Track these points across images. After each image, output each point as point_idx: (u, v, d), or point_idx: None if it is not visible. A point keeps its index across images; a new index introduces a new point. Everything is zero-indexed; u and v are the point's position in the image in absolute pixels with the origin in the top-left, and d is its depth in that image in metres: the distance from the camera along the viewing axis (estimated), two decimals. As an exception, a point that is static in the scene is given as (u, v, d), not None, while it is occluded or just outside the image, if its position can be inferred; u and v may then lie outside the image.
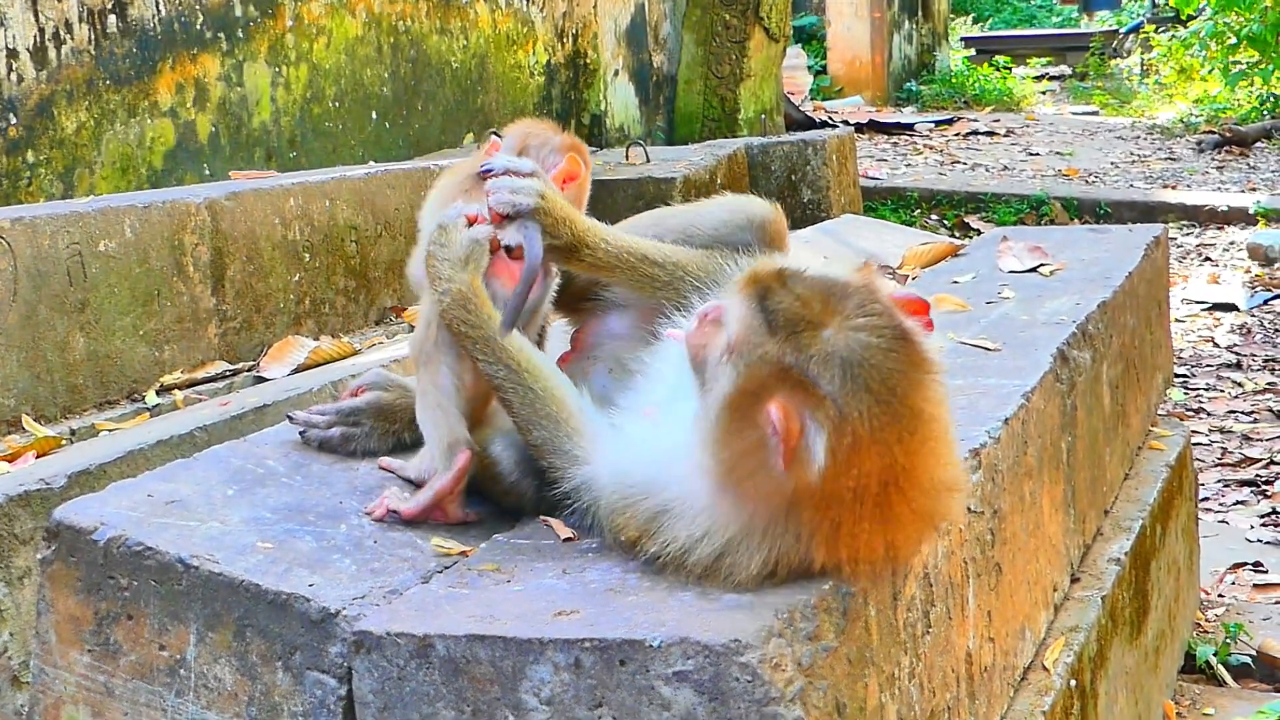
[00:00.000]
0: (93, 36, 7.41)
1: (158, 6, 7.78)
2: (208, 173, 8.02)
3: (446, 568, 1.97)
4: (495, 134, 2.51)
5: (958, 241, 4.23)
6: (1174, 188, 12.89)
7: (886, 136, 15.94)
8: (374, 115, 9.43)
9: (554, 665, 1.67)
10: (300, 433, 2.30)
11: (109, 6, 7.51)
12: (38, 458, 2.86)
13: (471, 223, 2.15)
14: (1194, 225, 11.56)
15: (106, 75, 7.42)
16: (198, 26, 7.96)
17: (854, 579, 1.78)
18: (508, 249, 2.12)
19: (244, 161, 8.30)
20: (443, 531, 2.07)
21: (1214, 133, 15.47)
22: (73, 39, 7.29)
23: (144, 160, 7.67)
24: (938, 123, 16.75)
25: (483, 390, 2.33)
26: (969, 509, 2.21)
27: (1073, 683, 2.60)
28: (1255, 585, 5.06)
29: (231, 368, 3.68)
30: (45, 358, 3.20)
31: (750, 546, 1.76)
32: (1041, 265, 3.75)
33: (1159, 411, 4.09)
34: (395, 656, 1.74)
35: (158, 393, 3.45)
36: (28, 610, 2.49)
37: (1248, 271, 10.16)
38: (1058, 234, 4.29)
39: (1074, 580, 2.95)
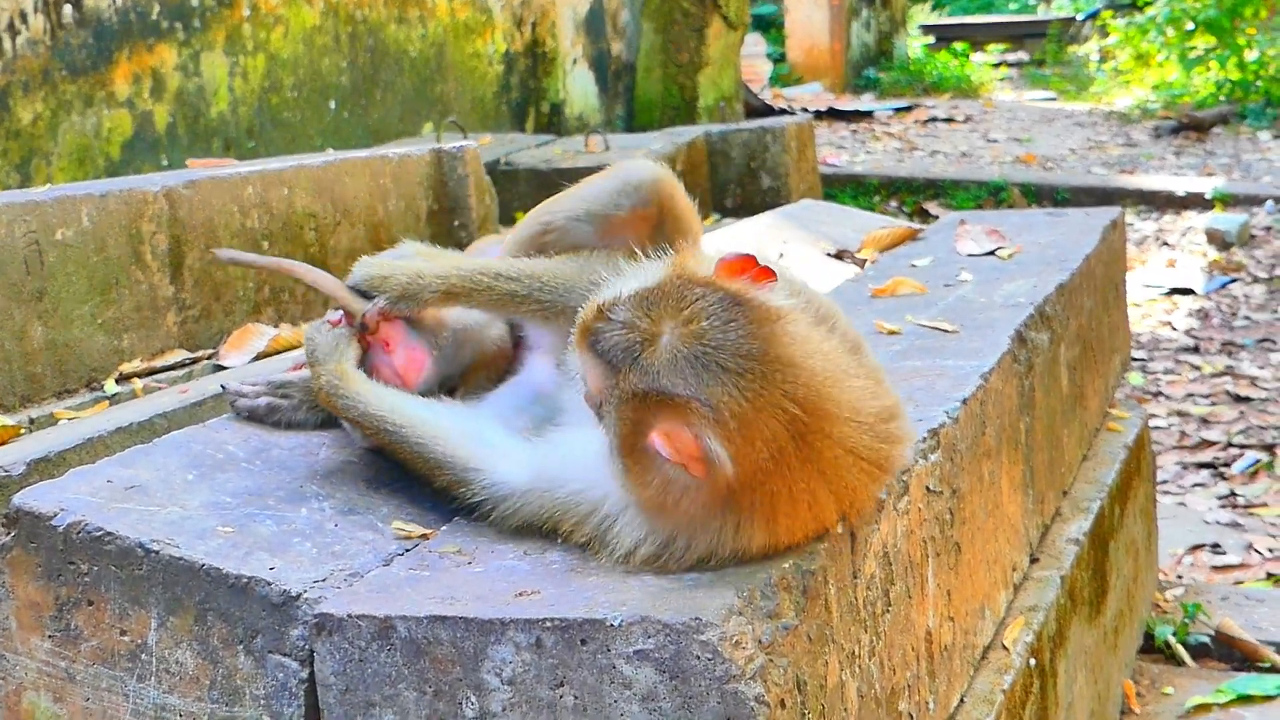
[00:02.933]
0: (48, 27, 7.36)
1: (113, -5, 7.74)
2: (165, 163, 7.97)
3: (408, 550, 1.97)
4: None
5: (917, 226, 4.24)
6: (1132, 173, 12.96)
7: (846, 124, 15.97)
8: (332, 105, 9.40)
9: (515, 645, 1.68)
10: (230, 402, 2.34)
11: (65, -4, 7.47)
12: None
13: (335, 325, 2.25)
14: (1152, 210, 11.62)
15: (63, 66, 7.37)
16: (154, 16, 7.92)
17: (817, 540, 1.79)
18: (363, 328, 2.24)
19: (202, 151, 8.27)
20: (403, 515, 2.07)
21: (1171, 118, 15.56)
22: (28, 29, 7.25)
23: (101, 151, 7.63)
24: (896, 110, 16.80)
25: None
26: (927, 488, 2.22)
27: (1032, 662, 2.62)
28: (1213, 567, 5.11)
29: (191, 356, 3.66)
30: (3, 346, 3.19)
31: (690, 543, 1.76)
32: (999, 248, 3.77)
33: (1117, 394, 4.12)
34: (356, 638, 1.74)
35: (117, 381, 3.43)
36: (-12, 599, 2.47)
37: (1205, 256, 10.23)
38: (1015, 217, 4.31)
39: (1033, 560, 2.97)
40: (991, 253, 3.76)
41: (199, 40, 8.35)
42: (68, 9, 7.60)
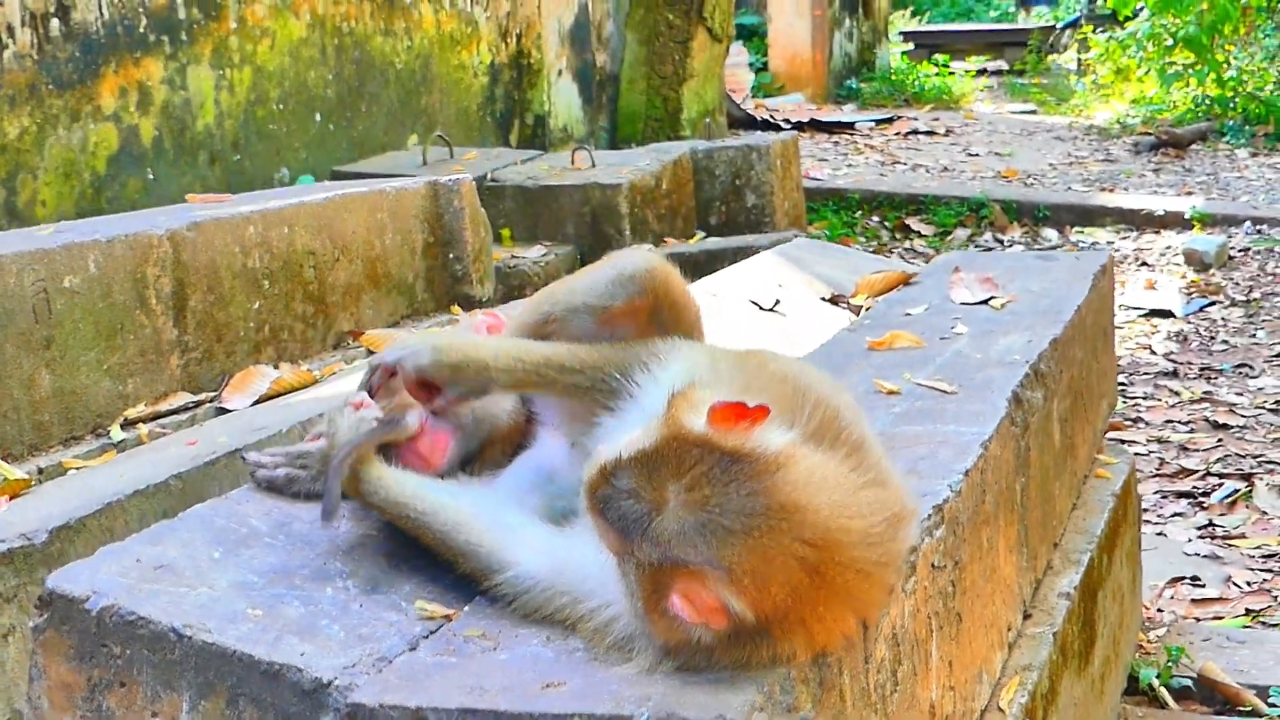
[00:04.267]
0: (35, 41, 7.38)
1: (101, 10, 7.76)
2: (151, 177, 8.00)
3: (432, 632, 2.02)
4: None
5: (910, 269, 4.31)
6: (1111, 190, 13.07)
7: (828, 135, 16.05)
8: (318, 117, 9.43)
9: (543, 737, 1.73)
10: (251, 472, 2.39)
11: (52, 10, 7.48)
12: (10, 499, 2.89)
13: (357, 408, 2.27)
14: (1131, 229, 11.73)
15: (49, 80, 7.39)
16: (141, 29, 7.94)
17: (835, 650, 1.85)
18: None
19: (188, 165, 8.30)
20: (426, 593, 2.12)
21: (1150, 134, 15.68)
22: (14, 43, 7.26)
23: (87, 165, 7.65)
24: (878, 121, 16.89)
25: None
26: (933, 565, 2.28)
27: (1027, 722, 2.69)
28: (1193, 600, 5.19)
29: (194, 399, 3.71)
30: (12, 396, 3.23)
31: (712, 662, 1.81)
32: (992, 298, 3.83)
33: (1105, 437, 4.19)
34: (388, 728, 1.80)
35: (122, 426, 3.48)
36: (12, 667, 2.52)
37: (1184, 277, 10.33)
38: (1007, 261, 4.38)
39: (1026, 617, 3.03)
40: (985, 302, 3.82)
41: (186, 53, 8.37)
42: (55, 23, 7.61)
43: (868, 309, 3.91)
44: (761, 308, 3.95)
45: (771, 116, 16.21)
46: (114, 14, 7.83)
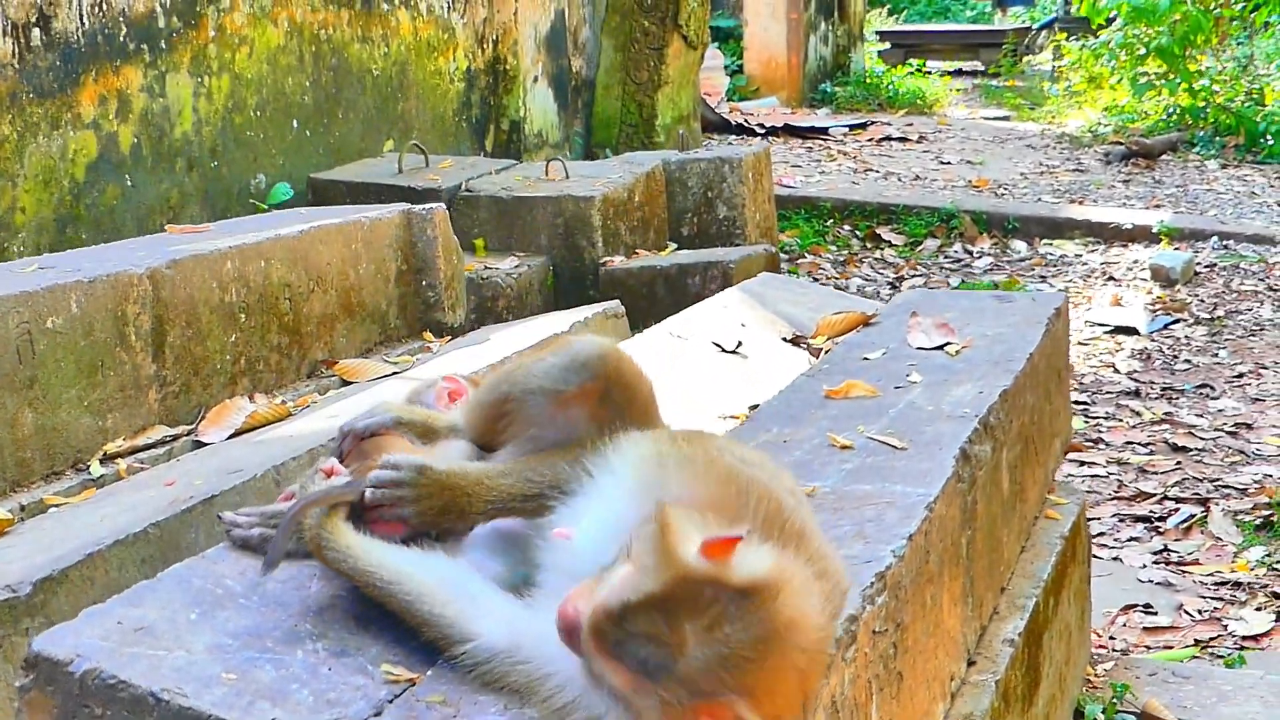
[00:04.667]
0: (16, 50, 7.46)
1: (81, 19, 7.84)
2: (129, 184, 8.08)
3: (396, 696, 2.14)
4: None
5: (869, 310, 4.43)
6: (1081, 203, 13.22)
7: (801, 140, 16.18)
8: (295, 124, 9.51)
9: (499, 807, 1.85)
10: (226, 531, 2.51)
11: (33, 20, 7.56)
12: (-6, 539, 3.00)
13: (328, 474, 2.37)
14: (1099, 242, 11.88)
15: (30, 88, 7.47)
16: (121, 38, 8.02)
17: None
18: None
19: (165, 172, 8.38)
20: (391, 656, 2.23)
21: (1121, 144, 15.84)
22: (-4, 54, 7.33)
23: (66, 172, 7.73)
24: (851, 126, 17.02)
25: None
26: (874, 631, 2.40)
27: (967, 771, 2.81)
28: (1145, 628, 5.33)
29: (171, 432, 3.81)
30: (-4, 435, 3.33)
31: None
32: (948, 344, 3.96)
33: (1055, 477, 4.32)
34: (353, 796, 1.91)
35: (101, 461, 3.58)
36: (-2, 713, 2.64)
37: (1150, 293, 10.48)
38: (965, 301, 4.50)
39: (970, 664, 3.16)
40: (941, 347, 3.95)
41: (165, 61, 8.45)
42: (36, 32, 7.69)
43: (827, 351, 4.03)
44: (724, 349, 4.07)
45: (746, 120, 16.34)
46: (94, 23, 7.91)
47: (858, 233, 12.06)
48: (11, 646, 2.63)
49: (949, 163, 15.23)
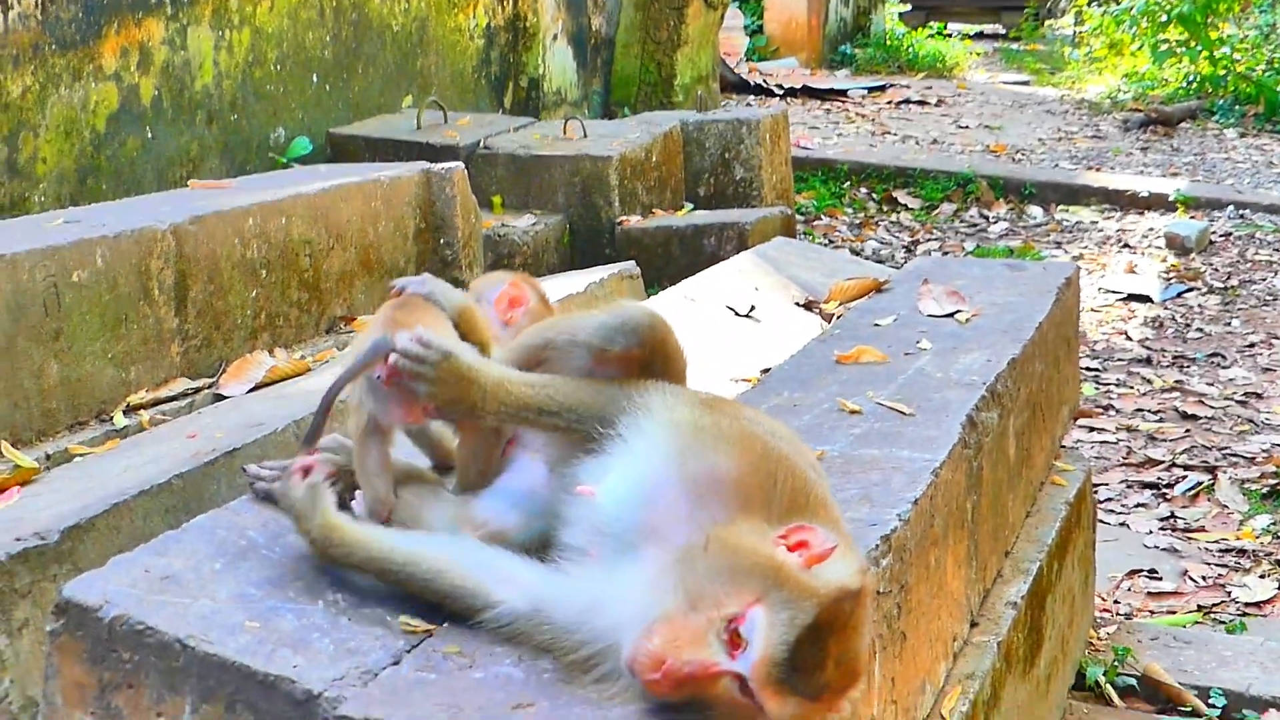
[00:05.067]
0: (39, 1, 7.50)
1: (104, -29, 7.87)
2: (150, 136, 8.14)
3: (414, 646, 2.21)
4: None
5: (881, 275, 4.48)
6: (1098, 170, 13.23)
7: (820, 102, 16.18)
8: (315, 78, 9.55)
9: (512, 756, 1.92)
10: (249, 484, 2.56)
11: (55, -28, 7.60)
12: (21, 487, 3.07)
13: (307, 471, 2.35)
14: (1115, 209, 11.89)
15: (52, 40, 7.52)
16: (143, -9, 8.06)
17: None
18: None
19: (186, 125, 8.43)
20: (409, 608, 2.30)
21: (1140, 111, 15.82)
22: (19, 4, 7.39)
23: (87, 124, 7.79)
24: (870, 89, 17.01)
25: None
26: (878, 592, 2.47)
27: (967, 730, 2.88)
28: (1149, 593, 5.40)
29: (193, 385, 3.88)
30: (22, 386, 3.40)
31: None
32: (958, 311, 4.01)
33: (1062, 443, 4.38)
34: (372, 740, 1.99)
35: (125, 413, 3.65)
36: (26, 659, 2.71)
37: (1164, 261, 10.50)
38: (976, 269, 4.55)
39: (973, 625, 3.22)
40: (952, 314, 4.00)
41: (186, 14, 8.49)
42: (59, -16, 7.73)
43: (839, 316, 4.09)
44: (737, 313, 4.13)
45: (765, 81, 16.33)
46: (117, -26, 7.95)
47: (874, 196, 12.09)
48: (40, 592, 2.71)
49: (967, 127, 15.22)
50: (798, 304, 4.25)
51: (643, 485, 2.18)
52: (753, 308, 4.14)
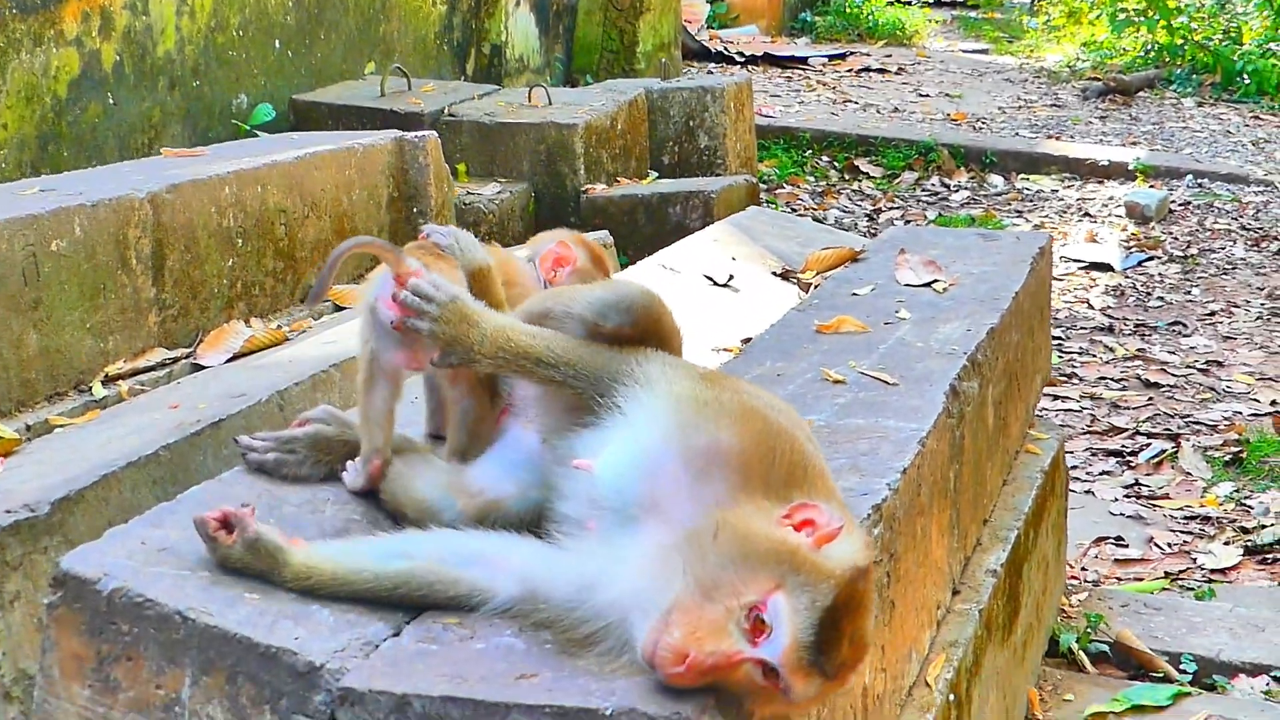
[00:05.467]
0: (-1, -35, 7.42)
1: (65, -67, 7.79)
2: (111, 102, 8.08)
3: (414, 617, 2.21)
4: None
5: (857, 246, 4.49)
6: (1058, 138, 13.28)
7: (781, 70, 16.16)
8: (277, 44, 9.49)
9: (518, 726, 1.93)
10: (242, 455, 2.57)
11: (16, -66, 7.51)
12: (3, 458, 3.05)
13: (224, 523, 2.26)
14: (1075, 178, 11.95)
15: (12, 4, 7.44)
16: (107, -47, 7.98)
17: None
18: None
19: (148, 90, 8.36)
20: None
21: (1099, 80, 15.88)
22: (-23, -31, 7.30)
23: (49, 89, 7.71)
24: (831, 57, 17.00)
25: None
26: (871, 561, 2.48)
27: (951, 696, 2.91)
28: (1116, 560, 5.46)
29: (170, 355, 3.87)
30: (2, 356, 3.38)
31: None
32: (935, 280, 4.03)
33: (1036, 412, 4.42)
34: (376, 710, 1.99)
35: (103, 383, 3.64)
36: (18, 631, 2.70)
37: (1125, 230, 10.57)
38: (950, 239, 4.57)
39: (955, 593, 3.26)
40: (929, 284, 4.02)
41: (148, -22, 8.41)
42: (20, -54, 7.64)
43: (817, 286, 4.10)
44: (715, 283, 4.14)
45: (726, 49, 16.31)
46: (79, -62, 7.87)
47: (836, 164, 12.10)
48: (31, 564, 2.70)
49: (927, 95, 15.25)
50: (775, 273, 4.27)
51: (643, 458, 2.19)
52: (731, 277, 4.15)
